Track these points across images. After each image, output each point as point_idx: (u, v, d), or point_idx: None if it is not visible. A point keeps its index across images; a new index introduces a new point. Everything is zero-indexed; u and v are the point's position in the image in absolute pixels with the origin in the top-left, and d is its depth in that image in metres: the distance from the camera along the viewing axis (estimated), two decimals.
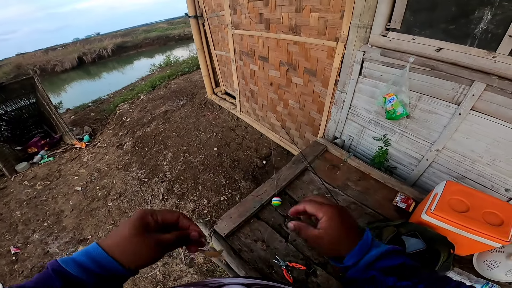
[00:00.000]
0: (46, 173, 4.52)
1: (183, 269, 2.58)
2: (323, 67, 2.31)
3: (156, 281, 2.52)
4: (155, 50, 20.47)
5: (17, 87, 5.45)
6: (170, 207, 3.23)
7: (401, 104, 1.65)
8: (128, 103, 6.49)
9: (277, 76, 2.94)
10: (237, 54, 3.48)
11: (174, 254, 2.71)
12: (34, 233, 3.33)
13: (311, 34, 2.22)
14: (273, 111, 3.43)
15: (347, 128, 2.29)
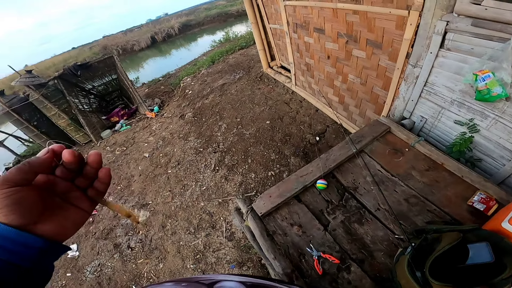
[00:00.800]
0: (124, 140, 5.25)
1: (222, 241, 2.72)
2: (390, 39, 1.97)
3: (197, 250, 2.73)
4: (216, 27, 20.99)
5: (101, 66, 6.35)
6: (219, 178, 3.39)
7: (500, 83, 1.34)
8: (191, 77, 6.91)
9: (334, 49, 2.66)
10: (291, 26, 3.28)
11: (217, 226, 2.87)
12: (109, 195, 3.93)
13: (374, 2, 1.91)
14: (330, 86, 3.17)
15: (420, 107, 1.98)
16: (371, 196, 1.62)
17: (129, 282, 2.70)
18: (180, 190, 3.49)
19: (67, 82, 5.70)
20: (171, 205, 3.32)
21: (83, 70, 5.95)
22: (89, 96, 6.55)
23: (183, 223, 3.05)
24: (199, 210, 3.11)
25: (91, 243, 3.27)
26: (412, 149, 1.80)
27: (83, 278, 2.90)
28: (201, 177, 3.55)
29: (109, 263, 2.95)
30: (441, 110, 1.82)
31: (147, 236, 3.08)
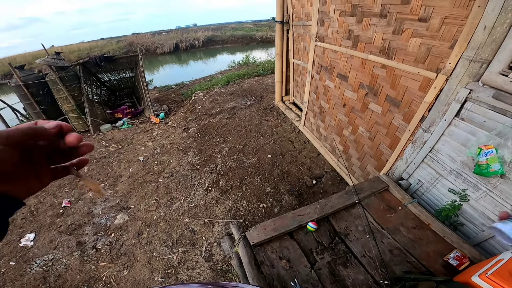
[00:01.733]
0: (121, 138, 5.18)
1: (199, 261, 2.60)
2: (410, 99, 2.01)
3: (170, 264, 2.60)
4: (237, 48, 21.75)
5: (124, 61, 6.49)
6: (210, 199, 3.31)
7: (499, 160, 1.41)
8: (203, 92, 7.00)
9: (352, 98, 2.71)
10: (315, 66, 3.35)
11: (197, 245, 2.76)
12: (90, 191, 3.78)
13: (405, 60, 1.96)
14: (338, 134, 3.19)
15: (419, 172, 2.04)
16: (359, 243, 1.72)
17: (81, 283, 2.52)
18: (167, 201, 3.37)
19: (87, 70, 5.81)
20: (154, 215, 3.20)
21: (106, 62, 6.07)
22: (102, 88, 6.61)
23: (162, 234, 2.92)
24: (182, 226, 3.00)
25: (52, 236, 3.08)
26: (405, 208, 1.92)
27: (28, 270, 2.69)
28: (192, 193, 3.46)
29: (65, 259, 2.76)
30: (439, 177, 1.88)
31: (119, 240, 2.93)
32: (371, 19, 2.16)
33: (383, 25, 2.05)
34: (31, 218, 3.37)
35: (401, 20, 1.88)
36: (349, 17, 2.43)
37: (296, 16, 3.96)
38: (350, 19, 2.41)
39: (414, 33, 1.82)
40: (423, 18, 1.71)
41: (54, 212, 3.41)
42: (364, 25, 2.26)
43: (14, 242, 3.02)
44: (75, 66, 5.59)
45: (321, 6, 2.87)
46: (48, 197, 3.72)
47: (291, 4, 3.97)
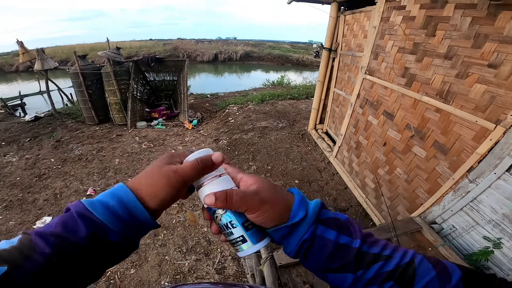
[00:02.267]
0: (154, 137, 5.38)
1: (210, 272, 2.55)
2: (461, 148, 1.92)
3: (180, 270, 2.57)
4: (272, 67, 22.23)
5: (171, 64, 6.87)
6: None
7: None
8: (237, 107, 7.14)
9: (395, 139, 2.63)
10: (360, 100, 3.29)
11: (211, 255, 2.72)
12: (116, 183, 3.84)
13: (464, 107, 1.88)
14: (372, 171, 3.09)
15: (455, 218, 2.00)
16: None
17: None
18: (189, 208, 3.39)
19: (137, 68, 6.19)
20: (174, 218, 3.21)
21: (156, 63, 6.43)
22: (146, 87, 6.97)
23: (177, 239, 2.91)
24: (199, 234, 2.98)
25: None
26: (435, 249, 1.91)
27: None
28: None
29: None
30: (475, 225, 1.86)
31: None
32: (433, 60, 2.10)
33: (447, 67, 1.98)
34: (53, 201, 3.47)
35: (468, 64, 1.81)
36: (408, 54, 2.37)
37: (345, 45, 3.95)
38: (409, 57, 2.36)
39: (480, 79, 1.75)
40: (493, 64, 1.64)
41: (77, 199, 3.46)
42: (424, 65, 2.20)
43: (28, 223, 3.09)
44: (129, 63, 5.98)
45: (377, 40, 2.84)
46: (75, 182, 3.86)
47: (343, 32, 3.99)
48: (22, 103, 8.48)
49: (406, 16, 2.36)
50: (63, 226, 0.34)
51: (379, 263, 0.37)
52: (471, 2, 1.75)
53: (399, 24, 2.45)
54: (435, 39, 2.06)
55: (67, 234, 0.33)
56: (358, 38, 3.56)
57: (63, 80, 11.04)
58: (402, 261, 0.37)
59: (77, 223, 0.34)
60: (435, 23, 2.05)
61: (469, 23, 1.78)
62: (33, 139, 5.49)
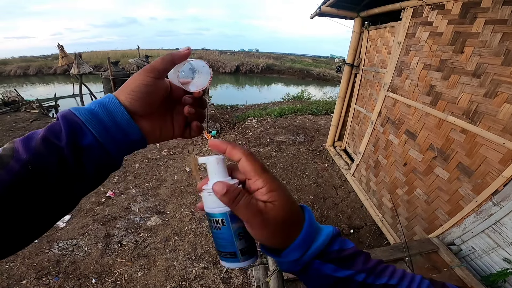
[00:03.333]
0: (174, 145, 5.52)
1: (216, 281, 2.51)
2: (486, 171, 1.82)
3: (186, 277, 2.55)
4: (292, 81, 22.31)
5: None
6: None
7: None
8: (256, 120, 7.20)
9: (417, 159, 2.52)
10: (381, 118, 3.20)
11: (219, 264, 2.67)
12: (134, 187, 3.99)
13: (491, 128, 1.78)
14: (390, 191, 2.97)
15: (475, 240, 1.95)
16: None
17: (92, 273, 2.53)
18: (202, 216, 3.39)
19: None
20: (186, 225, 3.23)
21: None
22: None
23: (187, 246, 2.91)
24: (209, 242, 2.97)
25: (85, 222, 3.20)
26: (450, 270, 1.87)
27: (46, 250, 2.75)
28: None
29: (87, 247, 2.82)
30: (496, 247, 1.82)
31: (145, 241, 2.97)
32: (460, 77, 2.02)
33: (475, 85, 1.90)
34: None
35: (497, 83, 1.73)
36: (434, 71, 2.29)
37: (368, 61, 3.89)
38: (435, 74, 2.28)
39: (510, 98, 1.66)
40: None
41: (97, 200, 3.62)
42: (451, 83, 2.11)
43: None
44: None
45: (402, 56, 2.78)
46: None
47: (366, 48, 3.94)
48: (56, 104, 8.77)
49: (433, 32, 2.31)
50: (48, 129, 0.33)
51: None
52: (502, 17, 1.69)
53: (425, 40, 2.40)
54: (463, 55, 1.99)
55: (49, 134, 0.32)
56: (381, 54, 3.51)
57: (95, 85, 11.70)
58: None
59: (60, 125, 0.33)
60: (464, 39, 1.99)
61: (499, 39, 1.71)
62: None
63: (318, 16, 4.08)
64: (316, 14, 4.01)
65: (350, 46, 4.18)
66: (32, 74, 21.71)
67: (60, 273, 2.53)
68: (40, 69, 22.39)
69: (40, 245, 2.83)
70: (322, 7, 3.77)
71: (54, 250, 2.78)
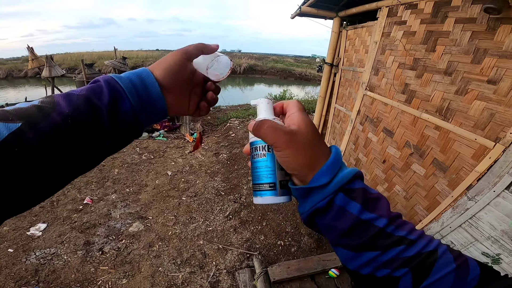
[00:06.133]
0: (155, 149, 5.38)
1: (204, 285, 2.48)
2: (460, 166, 1.88)
3: (173, 282, 2.50)
4: (275, 81, 22.46)
5: None
6: (229, 227, 3.26)
7: None
8: (239, 120, 7.19)
9: (395, 156, 2.59)
10: (360, 116, 3.26)
11: (206, 268, 2.65)
12: (114, 193, 3.86)
13: (463, 124, 1.85)
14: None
15: (453, 235, 1.96)
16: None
17: (73, 282, 2.43)
18: (186, 220, 3.34)
19: None
20: (170, 230, 3.16)
21: None
22: None
23: (172, 251, 2.85)
24: (195, 246, 2.93)
25: (62, 230, 3.07)
26: None
27: (23, 259, 2.64)
28: (211, 217, 3.42)
29: (66, 256, 2.72)
30: (474, 242, 1.82)
31: (128, 247, 2.88)
32: (433, 75, 2.08)
33: (446, 83, 1.96)
34: (49, 208, 3.43)
35: (467, 80, 1.79)
36: (408, 70, 2.35)
37: (347, 60, 3.95)
38: (409, 73, 2.34)
39: (479, 95, 1.72)
40: (492, 80, 1.61)
41: (74, 207, 3.48)
42: (424, 81, 2.18)
43: (22, 229, 3.05)
44: None
45: (378, 55, 2.83)
46: (72, 190, 3.83)
47: (344, 47, 3.99)
48: None
49: (407, 31, 2.37)
50: (90, 89, 0.37)
51: (401, 247, 0.33)
52: (471, 16, 1.75)
53: (399, 39, 2.46)
54: (435, 54, 2.05)
55: (91, 95, 0.36)
56: (359, 53, 3.56)
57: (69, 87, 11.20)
58: (425, 248, 0.33)
59: (103, 87, 0.37)
60: (435, 38, 2.05)
61: (469, 38, 1.77)
62: None
63: (299, 16, 4.10)
64: (296, 14, 4.03)
65: (329, 46, 4.22)
66: (1, 77, 20.46)
67: (40, 282, 2.42)
68: (10, 72, 21.15)
69: (16, 254, 2.70)
70: (303, 7, 3.79)
71: (31, 259, 2.65)
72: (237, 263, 2.72)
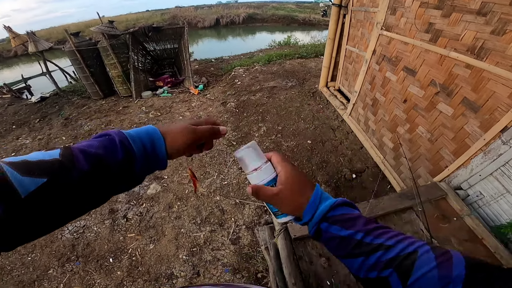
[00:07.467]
0: (161, 105, 5.29)
1: (225, 242, 2.55)
2: (494, 106, 1.73)
3: (196, 243, 2.58)
4: (277, 28, 21.06)
5: (170, 32, 6.61)
6: (244, 179, 3.25)
7: None
8: (243, 69, 6.84)
9: (417, 95, 2.42)
10: (376, 56, 3.05)
11: (225, 225, 2.70)
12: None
13: (500, 63, 1.66)
14: (390, 130, 2.92)
15: (483, 184, 1.84)
16: None
17: (108, 253, 2.55)
18: (200, 176, 3.36)
19: (135, 39, 6.01)
20: (186, 188, 3.20)
21: (154, 32, 6.25)
22: (147, 57, 6.80)
23: (191, 210, 2.91)
24: (212, 203, 2.97)
25: None
26: (460, 219, 1.78)
27: (59, 236, 2.75)
28: (225, 170, 3.41)
29: (96, 227, 2.81)
30: (505, 193, 1.71)
31: (149, 211, 2.95)
32: (463, 15, 1.85)
33: (480, 23, 1.74)
34: None
35: (505, 21, 1.59)
36: (432, 9, 2.11)
37: (357, 0, 3.63)
38: (434, 12, 2.10)
39: None
40: None
41: None
42: (452, 20, 1.95)
43: None
44: (126, 35, 5.79)
45: None
46: None
47: None
48: (27, 85, 8.42)
49: None
50: (105, 149, 0.41)
51: (380, 252, 0.41)
52: None
53: None
54: None
55: (106, 155, 0.40)
56: None
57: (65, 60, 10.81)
58: (404, 251, 0.39)
59: (117, 148, 0.41)
60: None
61: None
62: (42, 120, 5.50)
63: None
64: None
65: None
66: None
67: (79, 257, 2.55)
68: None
69: (52, 232, 2.81)
70: None
71: (66, 235, 2.77)
72: (255, 218, 2.74)
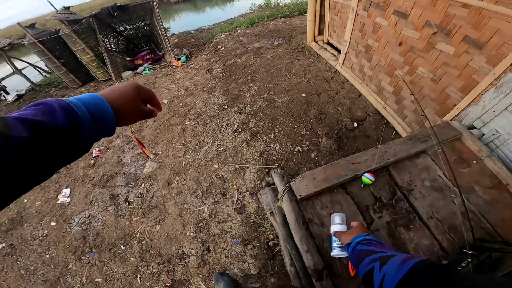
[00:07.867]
0: (144, 83, 5.02)
1: (231, 213, 2.46)
2: (500, 42, 1.58)
3: (201, 217, 2.49)
4: None
5: (138, 9, 6.15)
6: (240, 141, 3.10)
7: None
8: (225, 34, 6.53)
9: (413, 37, 2.24)
10: (362, 3, 2.83)
11: (228, 194, 2.59)
12: (117, 138, 3.70)
13: (500, 1, 1.50)
14: (388, 74, 2.75)
15: (499, 120, 1.69)
16: (425, 202, 1.47)
17: (118, 240, 2.49)
18: (195, 145, 3.21)
19: (101, 22, 5.66)
20: (182, 161, 3.06)
21: (120, 12, 5.85)
22: (119, 37, 6.45)
23: (191, 183, 2.78)
24: (211, 173, 2.84)
25: (86, 190, 3.05)
26: (480, 162, 1.61)
27: (68, 229, 2.70)
28: (220, 136, 3.25)
29: (100, 215, 2.74)
30: None
31: (149, 191, 2.83)
32: None
33: None
34: (65, 172, 3.37)
35: None
36: None
37: None
38: None
39: None
40: None
41: (86, 164, 3.40)
42: None
43: (52, 200, 3.05)
44: (88, 18, 5.42)
45: None
46: None
47: None
48: (2, 86, 8.18)
49: None
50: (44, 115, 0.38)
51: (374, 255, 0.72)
52: None
53: None
54: None
55: (47, 121, 0.37)
56: None
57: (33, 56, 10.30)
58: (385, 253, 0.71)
59: (58, 114, 0.39)
60: None
61: None
62: None
63: None
64: None
65: None
66: None
67: (92, 248, 2.50)
68: None
69: (60, 226, 2.75)
70: None
71: (75, 228, 2.70)
72: (258, 181, 2.63)
